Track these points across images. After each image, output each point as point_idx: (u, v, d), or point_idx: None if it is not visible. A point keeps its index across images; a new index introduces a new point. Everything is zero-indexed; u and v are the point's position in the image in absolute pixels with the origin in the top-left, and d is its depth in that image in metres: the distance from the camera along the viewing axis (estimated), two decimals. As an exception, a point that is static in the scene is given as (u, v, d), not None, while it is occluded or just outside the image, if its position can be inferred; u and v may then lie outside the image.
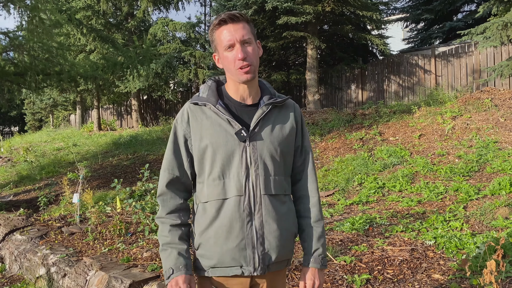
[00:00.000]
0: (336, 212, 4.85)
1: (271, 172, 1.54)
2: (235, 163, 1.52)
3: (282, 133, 1.59)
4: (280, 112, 1.62)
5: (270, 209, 1.53)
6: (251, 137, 1.53)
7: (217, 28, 1.52)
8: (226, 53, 1.52)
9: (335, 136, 8.48)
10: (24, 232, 5.38)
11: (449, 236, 3.55)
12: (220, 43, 1.52)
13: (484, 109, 7.77)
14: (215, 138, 1.52)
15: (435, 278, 2.94)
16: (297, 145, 1.66)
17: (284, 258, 1.59)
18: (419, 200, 4.83)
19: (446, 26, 15.79)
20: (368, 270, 3.14)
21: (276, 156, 1.56)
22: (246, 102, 1.59)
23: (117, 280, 3.42)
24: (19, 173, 10.69)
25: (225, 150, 1.52)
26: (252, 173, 1.52)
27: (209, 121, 1.54)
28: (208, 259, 1.54)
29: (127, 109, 20.40)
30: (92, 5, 15.09)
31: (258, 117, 1.55)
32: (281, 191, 1.58)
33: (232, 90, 1.59)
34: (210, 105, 1.54)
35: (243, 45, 1.50)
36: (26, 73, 8.18)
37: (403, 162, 6.43)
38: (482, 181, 5.11)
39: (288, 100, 1.67)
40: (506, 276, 2.85)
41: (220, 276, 1.55)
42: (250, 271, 1.52)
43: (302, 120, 1.69)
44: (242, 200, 1.51)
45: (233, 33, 1.49)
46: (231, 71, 1.53)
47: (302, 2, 10.84)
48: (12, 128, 32.50)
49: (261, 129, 1.55)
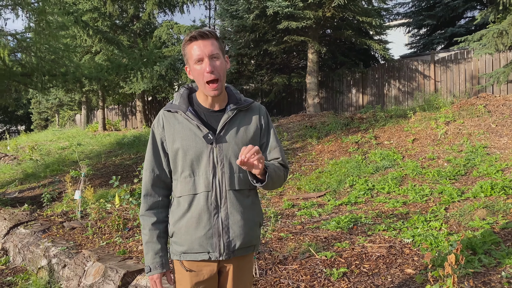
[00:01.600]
0: (325, 212, 5.06)
1: (235, 170, 1.75)
2: (203, 162, 1.73)
3: (246, 134, 1.79)
4: (246, 116, 1.82)
5: (235, 202, 1.75)
6: (217, 140, 1.74)
7: (188, 43, 1.71)
8: (196, 66, 1.71)
9: (331, 139, 8.68)
10: (27, 226, 5.63)
11: (426, 235, 3.75)
12: (190, 56, 1.71)
13: (477, 115, 7.94)
14: (186, 141, 1.73)
15: (407, 272, 3.14)
16: (261, 143, 1.85)
17: (248, 244, 1.81)
18: (405, 201, 5.03)
19: (448, 32, 15.95)
20: (346, 264, 3.35)
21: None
22: (214, 108, 1.79)
23: (113, 270, 3.65)
24: (24, 171, 10.98)
25: (194, 152, 1.73)
26: (219, 171, 1.73)
27: (180, 126, 1.76)
28: (180, 246, 1.77)
29: (131, 110, 20.72)
30: (98, 7, 15.40)
31: (224, 121, 1.76)
32: (245, 186, 1.78)
33: (202, 98, 1.80)
34: (181, 111, 1.76)
35: (211, 59, 1.69)
36: (32, 74, 8.47)
37: (395, 165, 6.62)
38: (467, 184, 5.29)
39: (253, 103, 1.87)
40: (475, 271, 3.04)
41: (190, 260, 1.77)
42: (216, 256, 1.75)
43: (268, 121, 1.89)
44: (210, 195, 1.73)
45: (202, 49, 1.68)
46: (200, 84, 1.73)
47: (303, 8, 11.06)
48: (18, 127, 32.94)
49: (226, 132, 1.76)
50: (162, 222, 1.83)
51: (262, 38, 12.69)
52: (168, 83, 16.94)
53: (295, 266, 3.41)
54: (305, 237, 4.10)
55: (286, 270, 3.36)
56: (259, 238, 1.89)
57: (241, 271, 1.84)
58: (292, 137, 9.73)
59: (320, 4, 11.18)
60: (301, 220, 4.77)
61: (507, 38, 8.59)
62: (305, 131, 9.79)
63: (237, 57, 13.77)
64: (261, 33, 12.42)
